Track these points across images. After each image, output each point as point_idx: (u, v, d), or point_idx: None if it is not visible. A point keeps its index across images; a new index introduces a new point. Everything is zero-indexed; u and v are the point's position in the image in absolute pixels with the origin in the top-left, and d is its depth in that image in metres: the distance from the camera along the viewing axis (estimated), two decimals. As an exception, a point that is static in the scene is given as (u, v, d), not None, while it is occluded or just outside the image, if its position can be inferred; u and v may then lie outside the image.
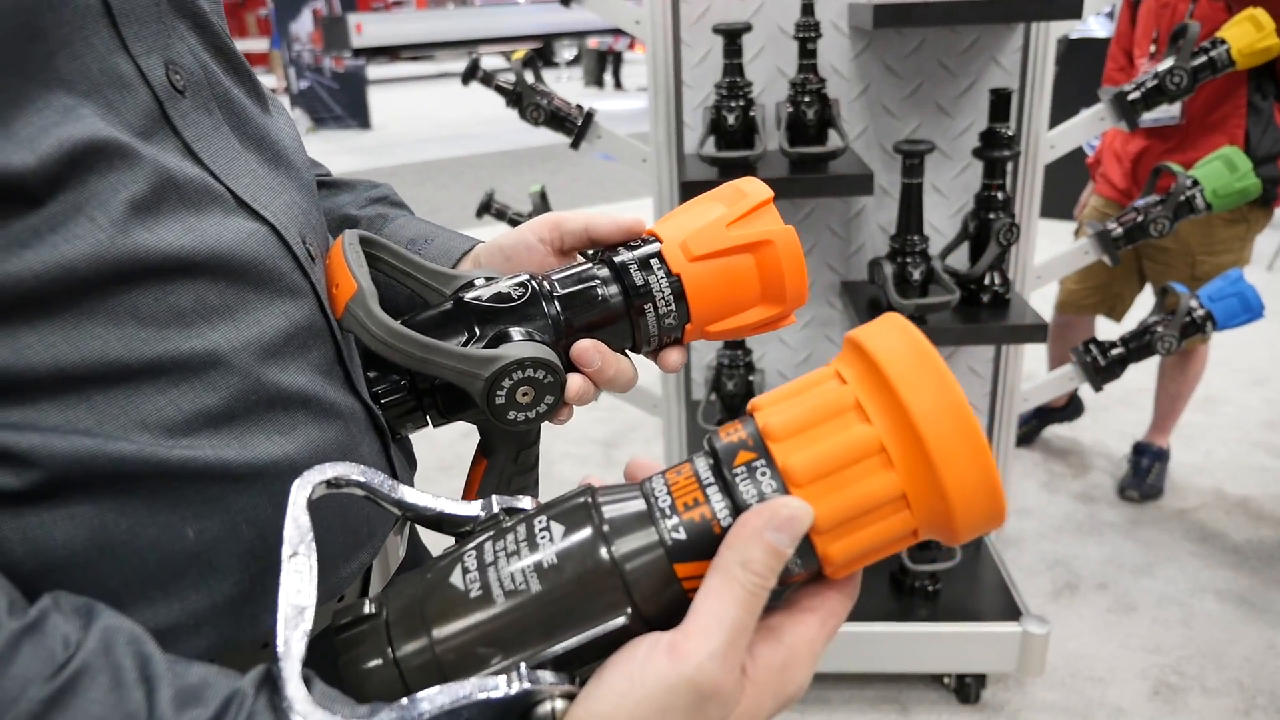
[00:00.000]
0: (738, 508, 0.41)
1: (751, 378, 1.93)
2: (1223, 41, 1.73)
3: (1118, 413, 3.25)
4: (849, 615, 0.44)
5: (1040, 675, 1.99)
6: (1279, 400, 3.35)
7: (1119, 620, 2.28)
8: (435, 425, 0.63)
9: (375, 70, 13.61)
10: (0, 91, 0.42)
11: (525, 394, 0.57)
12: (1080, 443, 3.15)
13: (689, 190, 1.70)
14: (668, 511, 0.41)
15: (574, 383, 0.59)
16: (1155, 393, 2.83)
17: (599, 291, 0.60)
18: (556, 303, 0.60)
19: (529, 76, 1.88)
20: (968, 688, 2.02)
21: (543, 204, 2.23)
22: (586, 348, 0.59)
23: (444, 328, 0.59)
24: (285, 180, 0.59)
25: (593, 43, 14.11)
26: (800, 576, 0.42)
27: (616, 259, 0.61)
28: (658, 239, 0.61)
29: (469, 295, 0.60)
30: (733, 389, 1.91)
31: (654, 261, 0.60)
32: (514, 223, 2.25)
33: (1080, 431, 3.21)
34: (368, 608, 0.42)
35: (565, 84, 14.13)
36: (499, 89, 1.90)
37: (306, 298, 0.55)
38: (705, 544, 0.41)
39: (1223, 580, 2.41)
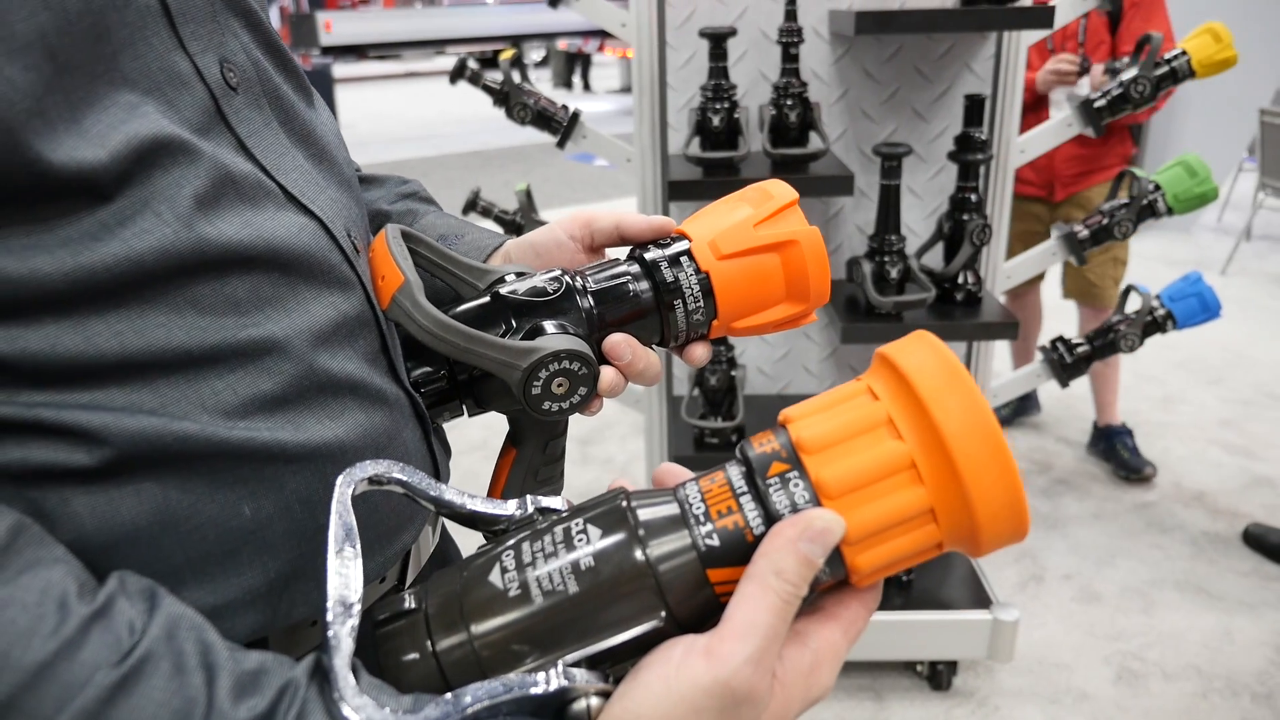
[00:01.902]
0: (770, 517, 0.42)
1: (734, 373, 1.97)
2: (1184, 53, 1.81)
3: (1079, 409, 3.35)
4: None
5: (1009, 662, 2.06)
6: (1234, 399, 3.46)
7: (1083, 609, 2.36)
8: (470, 415, 0.65)
9: (341, 69, 13.50)
10: (72, 90, 0.43)
11: (560, 385, 0.58)
12: (1044, 440, 3.24)
13: (675, 190, 1.74)
14: (702, 519, 0.43)
15: (606, 375, 0.60)
16: (1090, 380, 2.97)
17: (630, 287, 0.62)
18: (590, 298, 0.61)
19: (516, 76, 1.92)
20: (940, 675, 2.08)
21: (528, 202, 2.26)
22: (618, 341, 0.61)
23: (482, 320, 0.60)
24: (329, 175, 0.61)
25: (562, 44, 14.10)
26: (828, 584, 0.43)
27: (647, 256, 0.62)
28: (686, 238, 0.63)
29: (505, 289, 0.61)
30: (715, 384, 1.95)
31: (683, 259, 0.61)
32: (501, 220, 2.28)
33: (1043, 430, 3.31)
34: (408, 603, 0.43)
35: (535, 85, 14.09)
36: (486, 88, 1.94)
37: (354, 289, 0.57)
38: (738, 551, 0.42)
39: (1181, 571, 2.50)
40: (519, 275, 0.63)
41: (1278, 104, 4.89)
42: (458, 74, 1.97)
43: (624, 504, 0.44)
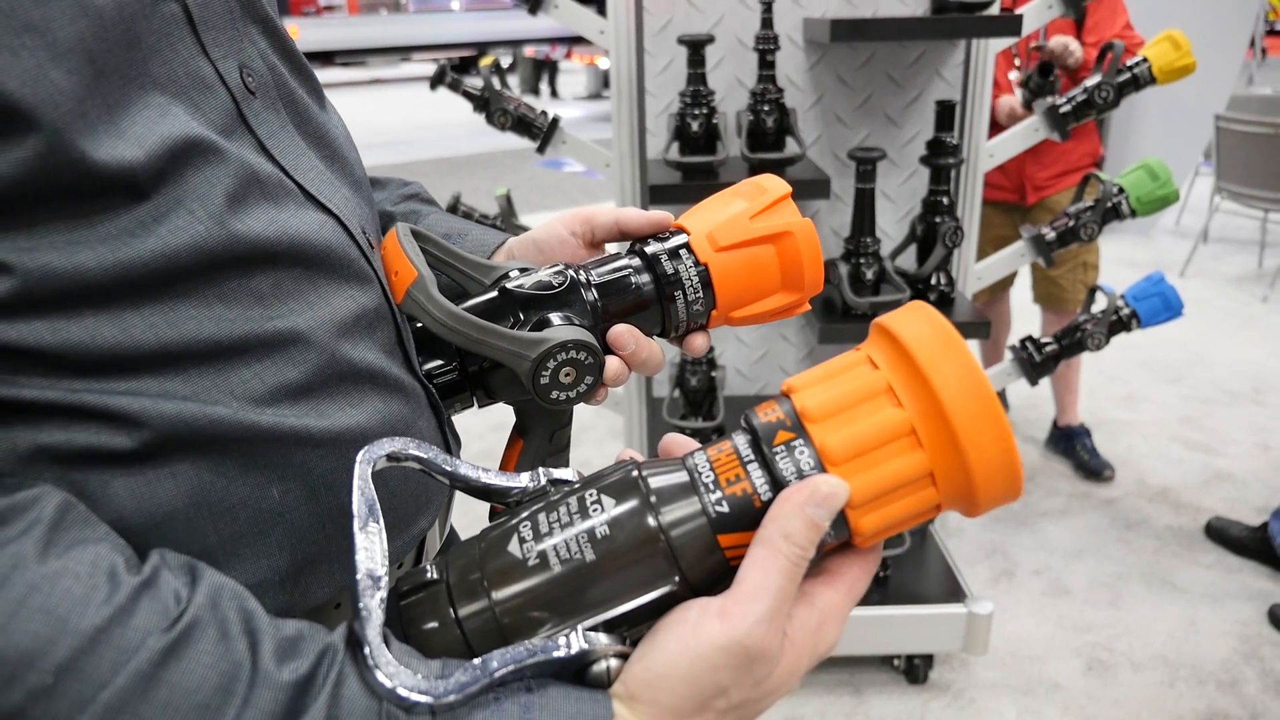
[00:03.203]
0: (777, 483, 0.43)
1: (714, 374, 2.00)
2: (1145, 60, 1.87)
3: (1045, 409, 3.41)
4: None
5: (984, 654, 2.10)
6: (1194, 397, 3.56)
7: (1053, 603, 2.42)
8: (480, 406, 0.67)
9: (307, 75, 13.39)
10: (109, 94, 0.45)
11: (568, 374, 0.60)
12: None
13: (655, 194, 1.77)
14: (711, 486, 0.44)
15: (611, 364, 0.62)
16: (1051, 381, 3.05)
17: (632, 280, 0.64)
18: (594, 290, 0.63)
19: (496, 83, 1.94)
20: (916, 668, 2.12)
21: (509, 206, 2.28)
22: (622, 332, 0.63)
23: (491, 313, 0.62)
24: (342, 175, 0.63)
25: (529, 51, 14.12)
26: (832, 546, 0.45)
27: (648, 250, 0.64)
28: (685, 231, 0.65)
29: (512, 284, 0.63)
30: (695, 384, 1.98)
31: (683, 251, 0.64)
32: (483, 224, 2.29)
33: (1013, 429, 3.37)
34: (430, 573, 0.45)
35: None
36: (466, 94, 1.95)
37: (371, 283, 0.59)
38: (747, 516, 0.44)
39: (1147, 564, 2.56)
40: (523, 271, 0.65)
41: (1233, 110, 5.02)
42: (438, 80, 1.99)
43: (635, 474, 0.46)
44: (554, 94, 13.69)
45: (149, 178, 0.46)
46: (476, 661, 0.41)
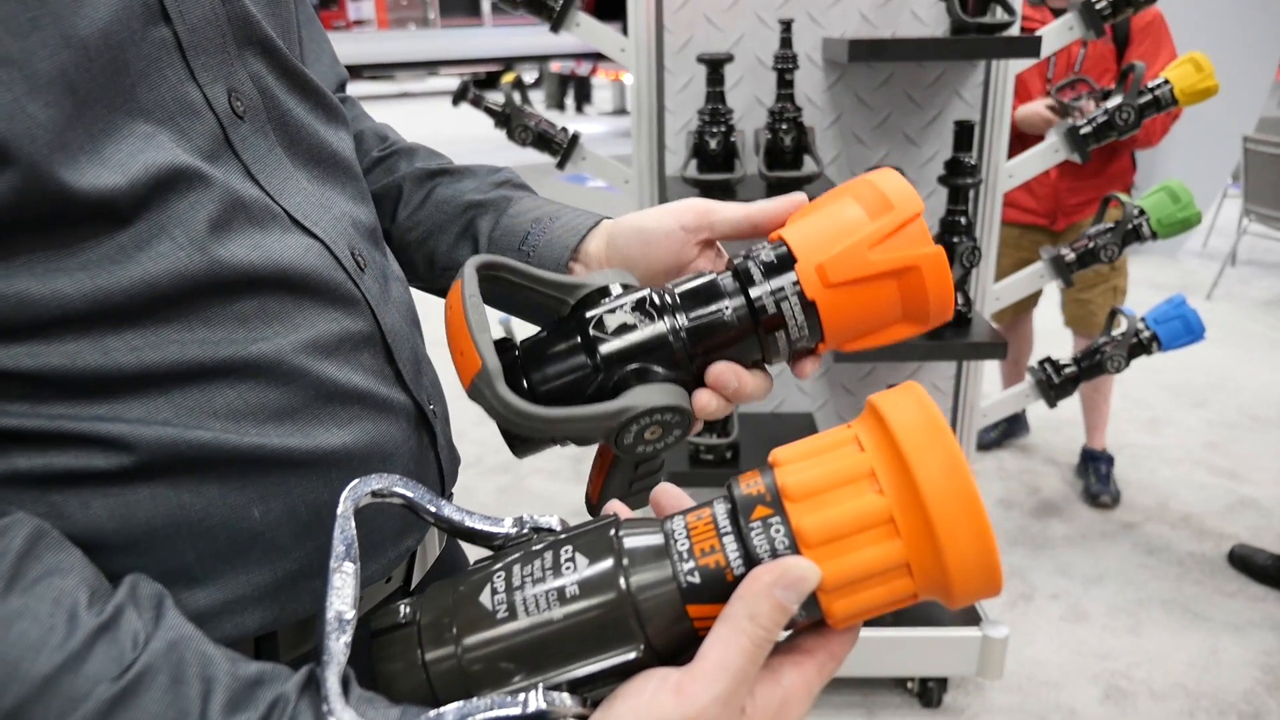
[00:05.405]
0: (751, 559, 0.43)
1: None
2: (1167, 82, 1.86)
3: (1068, 432, 3.38)
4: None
5: (999, 679, 2.08)
6: (1219, 421, 3.51)
7: (1071, 628, 2.39)
8: (562, 446, 0.62)
9: (336, 89, 13.56)
10: (93, 122, 0.45)
11: (653, 433, 0.56)
12: (1033, 462, 3.27)
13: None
14: (685, 555, 0.44)
15: (710, 403, 0.56)
16: (1081, 404, 3.03)
17: (728, 319, 0.56)
18: (685, 336, 0.56)
19: (517, 99, 1.95)
20: (930, 692, 2.10)
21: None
22: (723, 371, 0.56)
23: (568, 359, 0.56)
24: (338, 192, 0.63)
25: (555, 66, 14.23)
26: (804, 624, 0.44)
27: (752, 292, 0.55)
28: (791, 252, 0.55)
29: (592, 325, 0.56)
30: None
31: (788, 286, 0.55)
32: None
33: (1032, 452, 3.34)
34: (403, 614, 0.45)
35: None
36: (488, 111, 1.97)
37: (357, 304, 0.59)
38: (718, 589, 0.43)
39: (1168, 591, 2.52)
40: (604, 294, 0.58)
41: (1261, 132, 4.97)
42: (460, 96, 2.01)
43: (612, 533, 0.46)
44: (579, 109, 13.77)
45: (131, 205, 0.47)
46: (431, 714, 0.41)
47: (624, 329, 0.55)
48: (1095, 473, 3.02)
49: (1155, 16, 2.65)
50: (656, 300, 0.56)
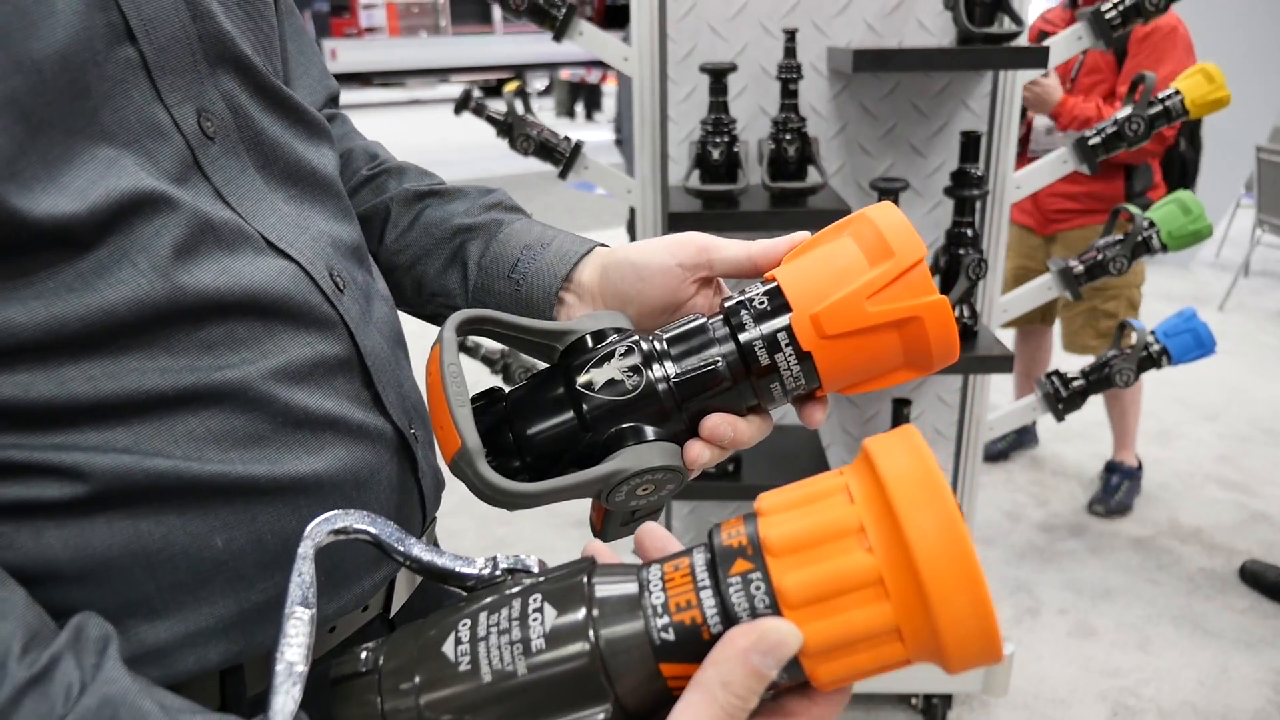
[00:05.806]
0: (729, 618, 0.40)
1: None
2: (1177, 93, 1.84)
3: (1078, 445, 3.35)
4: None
5: (1004, 696, 2.05)
6: (1230, 435, 3.47)
7: (1079, 644, 2.36)
8: None
9: (346, 96, 13.61)
10: (50, 148, 0.44)
11: (645, 489, 0.54)
12: (1042, 474, 3.24)
13: (675, 222, 1.76)
14: (660, 610, 0.41)
15: (704, 454, 0.55)
16: (1108, 416, 2.99)
17: (719, 370, 0.54)
18: (675, 388, 0.54)
19: (519, 107, 1.94)
20: (934, 708, 2.07)
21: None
22: (718, 425, 0.54)
23: (555, 415, 0.55)
24: (316, 211, 0.61)
25: (565, 74, 14.26)
26: (787, 686, 0.41)
27: (742, 338, 0.54)
28: (786, 302, 0.54)
29: (580, 380, 0.55)
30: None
31: (781, 337, 0.53)
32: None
33: (1041, 464, 3.31)
34: (363, 661, 0.43)
35: (537, 114, 14.26)
36: (490, 119, 1.96)
37: (334, 327, 0.57)
38: (693, 647, 0.40)
39: (1178, 607, 2.49)
40: (595, 340, 0.57)
41: (1274, 141, 4.93)
42: (462, 105, 2.00)
43: (584, 580, 0.43)
44: (589, 116, 13.80)
45: (91, 231, 0.45)
46: None
47: (611, 385, 0.54)
48: (1105, 483, 3.01)
49: (1156, 29, 2.63)
50: (645, 349, 0.55)
